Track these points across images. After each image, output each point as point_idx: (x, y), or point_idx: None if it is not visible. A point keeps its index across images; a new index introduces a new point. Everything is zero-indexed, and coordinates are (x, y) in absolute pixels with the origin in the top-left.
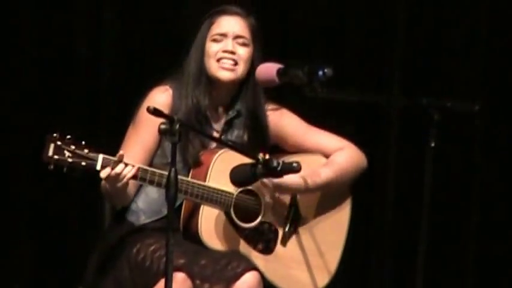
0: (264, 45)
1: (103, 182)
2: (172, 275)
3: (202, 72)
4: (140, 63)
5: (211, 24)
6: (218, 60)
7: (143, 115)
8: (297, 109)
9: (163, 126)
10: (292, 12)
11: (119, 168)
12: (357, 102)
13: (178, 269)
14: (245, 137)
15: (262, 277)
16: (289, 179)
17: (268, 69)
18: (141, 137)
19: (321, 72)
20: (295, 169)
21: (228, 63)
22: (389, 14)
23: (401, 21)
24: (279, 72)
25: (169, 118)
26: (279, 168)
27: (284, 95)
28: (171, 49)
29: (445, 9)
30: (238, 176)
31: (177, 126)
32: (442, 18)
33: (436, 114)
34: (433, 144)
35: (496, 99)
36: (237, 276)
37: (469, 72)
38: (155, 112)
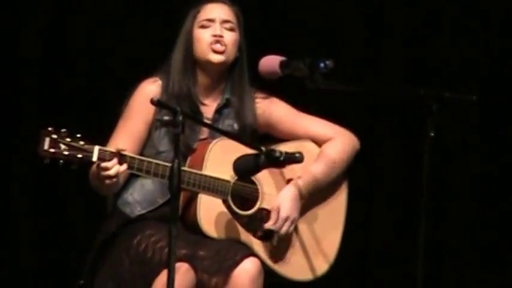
0: (265, 41)
1: (92, 171)
2: (174, 266)
3: (190, 60)
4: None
5: (197, 12)
6: (209, 44)
7: (132, 106)
8: (296, 101)
9: (166, 118)
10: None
11: (115, 160)
12: (357, 93)
13: (181, 260)
14: (235, 126)
15: (263, 264)
16: (282, 197)
17: (271, 62)
18: (130, 128)
19: (322, 64)
20: (297, 159)
21: (218, 47)
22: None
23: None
24: (282, 64)
25: (172, 110)
26: (281, 159)
27: (283, 87)
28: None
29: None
30: (241, 167)
31: (180, 117)
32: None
33: (434, 105)
34: (432, 134)
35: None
36: (236, 264)
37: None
38: (158, 104)
